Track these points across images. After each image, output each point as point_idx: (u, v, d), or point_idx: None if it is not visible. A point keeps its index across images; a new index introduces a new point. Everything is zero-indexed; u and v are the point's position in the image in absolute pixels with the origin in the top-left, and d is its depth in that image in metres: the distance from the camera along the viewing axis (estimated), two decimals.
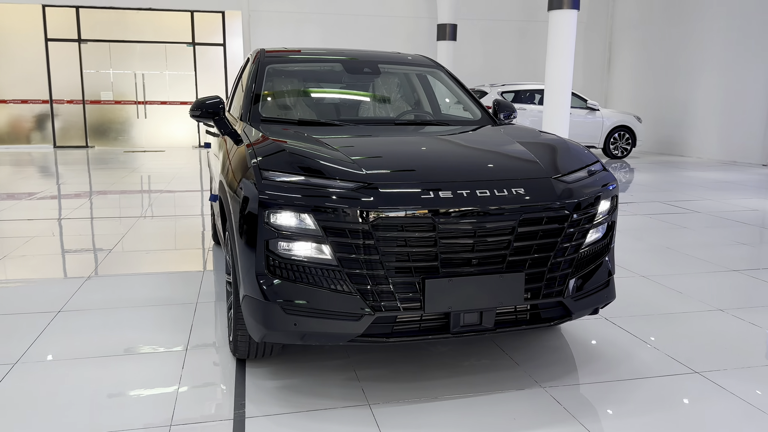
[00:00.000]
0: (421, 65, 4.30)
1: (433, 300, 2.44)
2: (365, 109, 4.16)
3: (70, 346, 3.21)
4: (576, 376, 2.91)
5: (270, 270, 2.50)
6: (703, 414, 2.60)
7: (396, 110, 4.19)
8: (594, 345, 3.27)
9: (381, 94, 4.26)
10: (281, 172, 2.55)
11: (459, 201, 2.45)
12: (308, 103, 4.02)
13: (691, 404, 2.68)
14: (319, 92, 4.14)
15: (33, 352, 3.12)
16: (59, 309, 3.76)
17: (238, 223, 2.62)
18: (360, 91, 4.18)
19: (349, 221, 2.38)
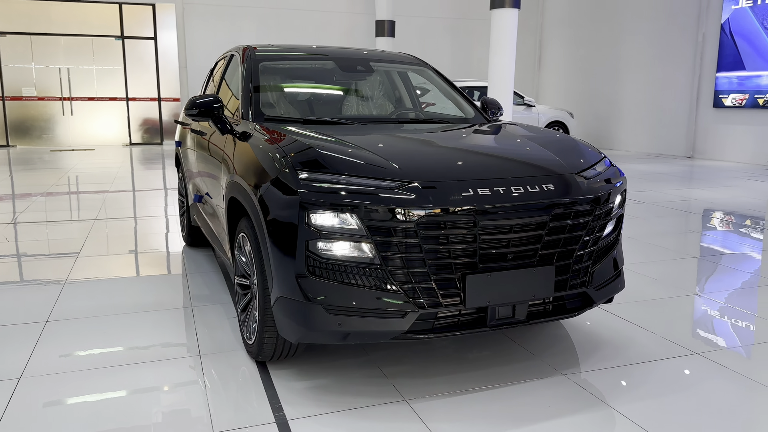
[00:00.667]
0: (408, 63, 4.34)
1: (472, 295, 2.50)
2: (365, 108, 4.16)
3: (73, 357, 3.07)
4: (590, 362, 3.05)
5: (310, 271, 2.48)
6: (714, 391, 2.79)
7: (394, 108, 4.22)
8: (595, 332, 3.43)
9: (377, 92, 4.28)
10: (317, 172, 2.53)
11: (497, 198, 2.52)
12: (308, 101, 3.98)
13: (700, 383, 2.86)
14: (316, 90, 4.11)
15: (35, 365, 2.96)
16: (45, 319, 3.57)
17: (270, 224, 2.58)
18: (357, 90, 4.17)
19: (394, 220, 2.40)
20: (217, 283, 4.30)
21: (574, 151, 3.05)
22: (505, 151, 3.08)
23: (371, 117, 3.95)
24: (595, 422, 2.51)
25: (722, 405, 2.67)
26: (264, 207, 2.63)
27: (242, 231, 3.02)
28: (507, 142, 3.23)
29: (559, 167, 2.82)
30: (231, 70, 4.28)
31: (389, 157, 2.69)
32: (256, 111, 3.49)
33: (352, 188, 2.46)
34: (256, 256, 2.78)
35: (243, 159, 3.02)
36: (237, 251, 3.17)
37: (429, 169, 2.62)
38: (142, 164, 11.93)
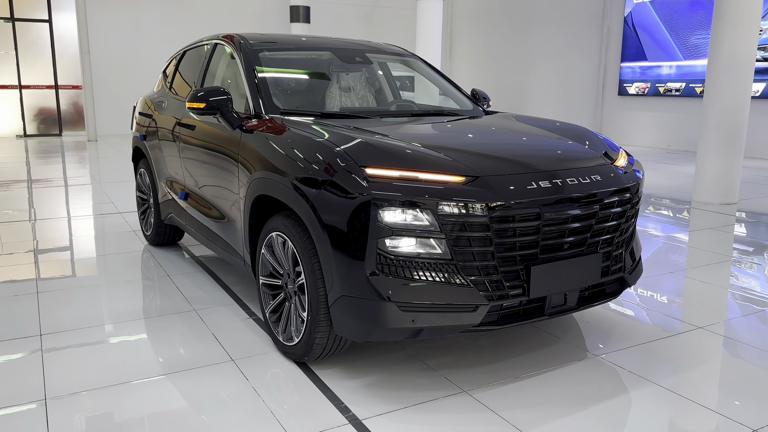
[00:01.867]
0: (399, 54, 4.34)
1: (536, 285, 2.57)
2: (370, 100, 4.11)
3: (97, 372, 2.85)
4: (612, 343, 3.23)
5: (380, 269, 2.46)
6: (733, 361, 3.04)
7: (393, 99, 4.20)
8: (604, 314, 3.62)
9: (377, 84, 4.23)
10: (383, 168, 2.50)
11: (557, 190, 2.60)
12: (315, 93, 3.88)
13: (717, 356, 3.12)
14: (320, 82, 4.00)
15: (54, 385, 2.73)
16: (38, 333, 3.28)
17: (331, 223, 2.52)
18: (359, 81, 4.11)
19: (467, 215, 2.42)
20: (207, 283, 4.12)
21: (600, 142, 3.20)
22: (544, 143, 3.16)
23: (385, 110, 3.91)
24: (647, 398, 2.67)
25: (740, 373, 2.93)
26: (323, 206, 2.56)
27: (276, 230, 2.92)
28: (541, 134, 3.31)
29: (598, 159, 2.95)
30: (217, 62, 4.08)
31: (442, 151, 2.70)
32: (270, 104, 3.36)
33: (423, 185, 2.45)
34: (305, 255, 2.70)
35: (279, 156, 2.91)
36: (265, 251, 3.06)
37: (488, 163, 2.66)
38: (42, 157, 11.06)
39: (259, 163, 3.05)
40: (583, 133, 3.33)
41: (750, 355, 3.10)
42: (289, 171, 2.81)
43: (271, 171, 2.93)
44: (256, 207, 3.14)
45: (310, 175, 2.67)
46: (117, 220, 6.04)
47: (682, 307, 3.81)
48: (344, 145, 2.65)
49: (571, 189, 2.64)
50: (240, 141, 3.27)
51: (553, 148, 3.08)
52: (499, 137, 3.30)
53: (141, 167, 5.12)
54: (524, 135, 3.33)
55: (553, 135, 3.28)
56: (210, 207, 3.77)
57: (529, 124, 3.53)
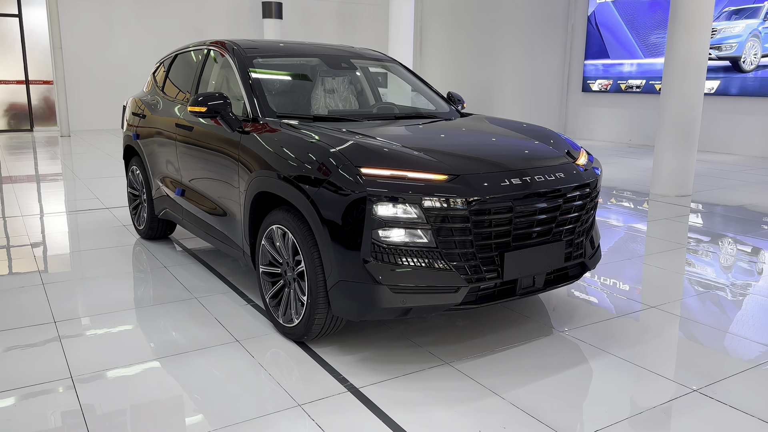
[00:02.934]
0: (381, 60, 4.68)
1: (509, 269, 2.95)
2: (356, 103, 4.44)
3: (115, 354, 3.15)
4: (576, 321, 3.64)
5: (374, 256, 2.81)
6: (682, 337, 3.48)
7: (375, 103, 4.54)
8: (569, 297, 4.04)
9: (361, 88, 4.57)
10: (376, 168, 2.85)
11: (526, 186, 2.98)
12: (305, 98, 4.20)
13: (669, 331, 3.55)
14: (309, 86, 4.32)
15: (78, 366, 3.02)
16: (52, 320, 3.55)
17: (329, 217, 2.86)
18: (345, 86, 4.44)
19: (450, 208, 2.79)
20: (204, 273, 4.41)
21: (563, 142, 3.59)
22: (514, 144, 3.54)
23: (370, 112, 4.25)
24: (605, 367, 3.08)
25: (691, 346, 3.36)
26: (322, 202, 2.90)
27: (276, 223, 3.25)
28: (508, 135, 3.70)
29: (562, 158, 3.34)
30: (210, 67, 4.37)
31: (426, 152, 3.06)
32: (266, 108, 3.68)
33: (411, 182, 2.81)
34: (305, 246, 3.03)
35: (279, 156, 3.23)
36: (265, 242, 3.38)
37: (466, 163, 3.03)
38: (14, 153, 11.12)
39: (259, 162, 3.37)
40: (548, 134, 3.72)
41: (697, 330, 3.54)
42: (289, 170, 3.13)
43: (272, 170, 3.25)
44: (257, 203, 3.46)
45: (310, 174, 3.00)
46: (106, 216, 6.26)
47: (639, 290, 4.24)
48: (340, 147, 2.99)
49: (539, 185, 3.03)
50: (240, 142, 3.58)
51: (522, 148, 3.46)
52: (474, 138, 3.67)
53: (133, 165, 5.37)
54: (496, 136, 3.71)
55: (522, 136, 3.67)
56: (209, 203, 4.06)
57: (500, 126, 3.91)
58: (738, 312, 3.87)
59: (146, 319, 3.62)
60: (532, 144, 3.54)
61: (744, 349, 3.31)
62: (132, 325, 3.54)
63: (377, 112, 4.34)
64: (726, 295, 4.13)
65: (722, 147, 11.91)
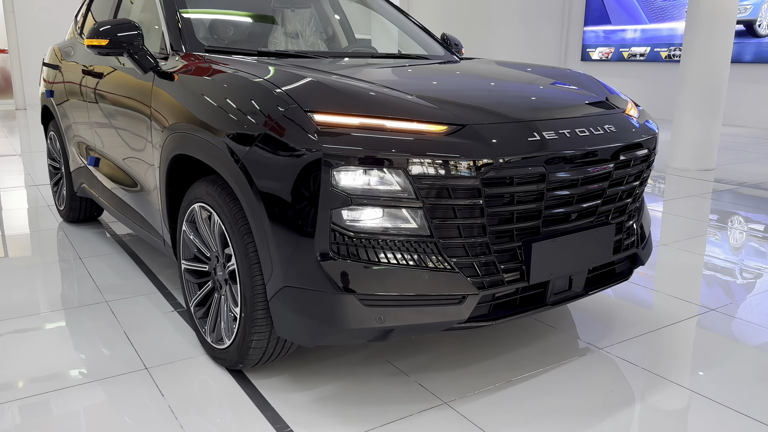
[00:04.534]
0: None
1: (537, 267, 1.99)
2: (320, 41, 3.42)
3: None
4: (616, 332, 2.69)
5: (335, 250, 1.82)
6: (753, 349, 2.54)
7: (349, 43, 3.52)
8: (601, 298, 3.08)
9: (333, 30, 3.54)
10: (338, 114, 1.85)
11: (565, 143, 2.00)
12: (249, 31, 3.17)
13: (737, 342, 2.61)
14: (255, 18, 3.28)
15: None
16: None
17: (267, 189, 1.87)
18: (303, 20, 3.41)
19: (452, 175, 1.80)
20: (127, 267, 3.42)
21: (601, 88, 2.61)
22: (541, 88, 2.55)
23: (339, 52, 3.23)
24: (668, 400, 2.13)
25: None
26: (257, 167, 1.90)
27: (199, 200, 2.26)
28: (530, 79, 2.70)
29: (607, 106, 2.36)
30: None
31: (417, 94, 2.06)
32: (192, 40, 2.65)
33: (392, 135, 1.81)
34: (235, 233, 2.04)
35: (199, 102, 2.23)
36: (186, 227, 2.39)
37: (476, 110, 2.03)
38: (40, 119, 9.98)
39: (175, 113, 2.36)
40: (580, 77, 2.74)
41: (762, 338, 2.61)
42: (212, 121, 2.13)
43: (190, 123, 2.24)
44: (174, 171, 2.46)
45: (240, 125, 2.00)
46: (32, 194, 5.23)
47: (687, 286, 3.30)
48: (286, 86, 1.98)
49: (582, 141, 2.05)
50: (152, 87, 2.56)
51: (554, 93, 2.47)
52: (485, 82, 2.65)
53: (51, 129, 4.33)
54: (514, 78, 2.71)
55: (548, 79, 2.68)
56: (122, 174, 3.05)
57: (519, 69, 2.90)
58: None
59: (25, 336, 2.62)
60: (565, 88, 2.55)
61: None
62: (8, 345, 2.54)
63: (350, 54, 3.32)
64: None
65: (734, 119, 10.99)
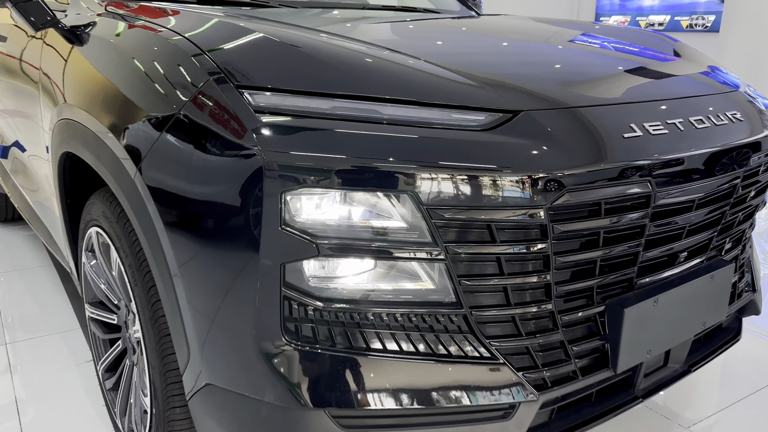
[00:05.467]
0: None
1: (630, 344, 1.20)
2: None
3: None
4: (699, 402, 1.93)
5: (293, 333, 1.03)
6: None
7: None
8: None
9: None
10: (295, 95, 1.05)
11: (679, 140, 1.20)
12: None
13: None
14: None
15: None
16: None
17: (177, 222, 1.09)
18: None
19: (500, 202, 1.00)
20: (49, 289, 2.64)
21: (700, 54, 1.80)
22: (620, 54, 1.71)
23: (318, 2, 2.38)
24: None
25: None
26: (158, 182, 1.11)
27: (95, 222, 1.47)
28: (596, 40, 1.86)
29: (717, 80, 1.55)
30: None
31: (431, 60, 1.25)
32: None
33: (387, 131, 1.01)
34: (139, 283, 1.26)
35: (88, 72, 1.43)
36: (87, 259, 1.61)
37: (533, 84, 1.22)
38: None
39: (67, 89, 1.56)
40: (658, 40, 1.92)
41: None
42: (100, 104, 1.33)
43: (78, 104, 1.44)
44: (73, 172, 1.67)
45: (138, 113, 1.20)
46: None
47: None
48: (214, 45, 1.17)
49: (704, 137, 1.25)
50: (42, 48, 1.76)
51: (643, 62, 1.62)
52: (534, 46, 1.77)
53: None
54: (577, 43, 1.86)
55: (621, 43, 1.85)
56: (23, 168, 2.26)
57: (571, 28, 2.06)
58: None
59: None
60: (651, 54, 1.73)
61: None
62: None
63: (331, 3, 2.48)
64: None
65: None
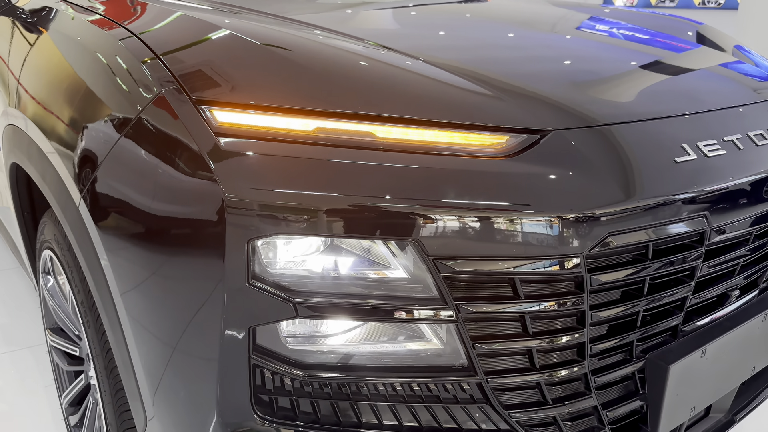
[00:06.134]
0: None
1: (673, 405, 1.01)
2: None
3: None
4: None
5: (268, 406, 0.84)
6: None
7: None
8: None
9: None
10: (266, 111, 0.84)
11: (738, 162, 0.99)
12: None
13: None
14: None
15: None
16: None
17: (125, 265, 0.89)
18: None
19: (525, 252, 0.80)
20: (21, 294, 2.45)
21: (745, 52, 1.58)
22: (660, 54, 1.46)
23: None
24: None
25: None
26: (103, 215, 0.91)
27: (49, 245, 1.28)
28: (628, 33, 1.62)
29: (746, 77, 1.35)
30: None
31: (435, 60, 1.04)
32: None
33: (382, 159, 0.80)
34: (92, 325, 1.07)
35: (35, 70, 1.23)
36: (44, 282, 1.42)
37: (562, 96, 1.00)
38: None
39: (12, 90, 1.35)
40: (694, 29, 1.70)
41: None
42: (43, 113, 1.12)
43: (24, 113, 1.24)
44: (26, 187, 1.47)
45: (87, 130, 0.99)
46: None
47: None
48: (168, 46, 0.96)
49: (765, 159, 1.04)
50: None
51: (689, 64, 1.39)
52: (555, 40, 1.50)
53: None
54: (608, 36, 1.61)
55: (658, 36, 1.62)
56: None
57: (595, 14, 1.82)
58: None
59: None
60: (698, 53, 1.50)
61: None
62: None
63: None
64: None
65: None
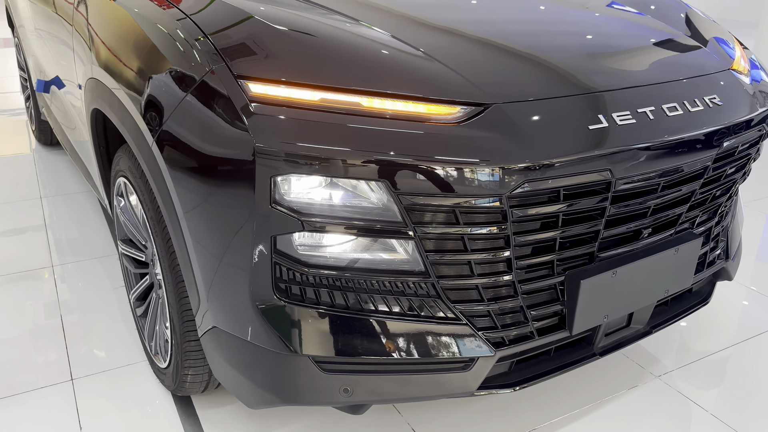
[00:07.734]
0: None
1: (585, 311, 1.35)
2: None
3: None
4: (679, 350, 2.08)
5: (283, 290, 1.21)
6: None
7: None
8: None
9: None
10: (290, 85, 1.17)
11: (647, 131, 1.30)
12: None
13: None
14: None
15: None
16: None
17: (187, 192, 1.25)
18: None
19: (465, 192, 1.14)
20: (89, 215, 2.88)
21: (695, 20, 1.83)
22: (601, 23, 1.77)
23: None
24: None
25: None
26: (169, 156, 1.27)
27: (123, 174, 1.65)
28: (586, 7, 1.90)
29: (708, 59, 1.60)
30: None
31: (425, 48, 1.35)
32: None
33: (367, 124, 1.14)
34: (158, 234, 1.45)
35: (118, 36, 1.57)
36: (117, 203, 1.81)
37: (507, 73, 1.32)
38: None
39: (95, 46, 1.70)
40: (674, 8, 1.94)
41: None
42: (124, 72, 1.48)
43: (105, 66, 1.59)
44: (102, 125, 1.84)
45: (155, 88, 1.34)
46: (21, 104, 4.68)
47: None
48: (215, 28, 1.29)
49: (673, 127, 1.34)
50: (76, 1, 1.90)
51: (622, 33, 1.69)
52: (520, 11, 1.83)
53: (15, 34, 3.70)
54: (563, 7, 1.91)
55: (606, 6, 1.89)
56: (62, 105, 2.44)
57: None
58: None
59: None
60: (636, 23, 1.78)
61: None
62: None
63: None
64: None
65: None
